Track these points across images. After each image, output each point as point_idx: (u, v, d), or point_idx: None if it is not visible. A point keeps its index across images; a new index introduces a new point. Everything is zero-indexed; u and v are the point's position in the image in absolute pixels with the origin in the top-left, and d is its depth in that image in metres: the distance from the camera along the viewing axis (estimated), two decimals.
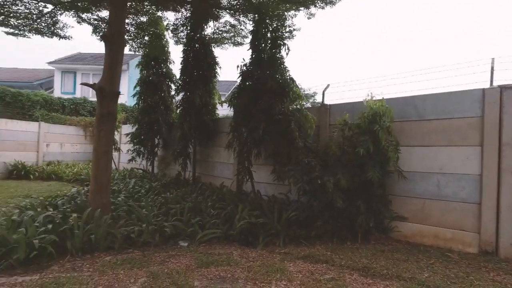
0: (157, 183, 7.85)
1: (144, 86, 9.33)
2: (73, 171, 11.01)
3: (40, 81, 21.67)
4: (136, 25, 6.89)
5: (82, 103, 15.48)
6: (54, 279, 3.17)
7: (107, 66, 4.72)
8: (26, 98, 13.14)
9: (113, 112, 4.81)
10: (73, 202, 5.08)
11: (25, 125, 11.61)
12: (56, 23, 5.99)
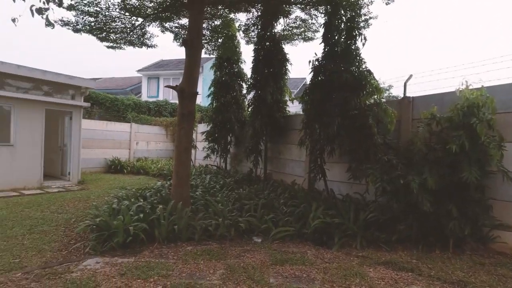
0: (230, 179, 8.17)
1: (217, 86, 9.80)
2: (157, 167, 12.19)
3: (131, 87, 24.63)
4: (211, 28, 7.26)
5: (164, 105, 17.05)
6: (146, 263, 3.52)
7: (187, 69, 5.08)
8: (120, 102, 15.03)
9: (192, 112, 5.15)
10: (159, 194, 5.61)
11: (120, 126, 13.31)
12: (144, 34, 6.70)
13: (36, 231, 4.65)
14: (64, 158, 9.77)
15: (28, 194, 7.41)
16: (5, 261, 3.52)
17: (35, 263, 3.53)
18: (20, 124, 8.03)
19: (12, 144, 7.92)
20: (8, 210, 5.78)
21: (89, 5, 5.49)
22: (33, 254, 3.80)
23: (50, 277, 3.11)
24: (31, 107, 8.19)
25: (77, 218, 5.44)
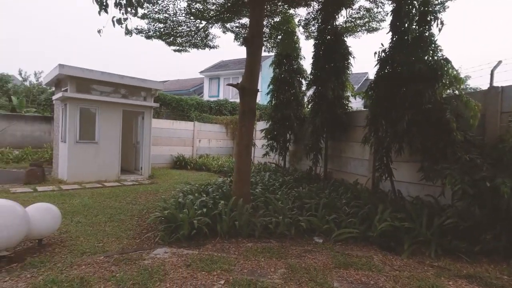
0: (289, 177, 8.09)
1: (276, 83, 9.78)
2: (218, 163, 12.68)
3: (194, 88, 26.09)
4: (271, 25, 7.25)
5: (224, 104, 17.66)
6: (209, 256, 3.65)
7: (248, 67, 5.14)
8: (185, 102, 16.00)
9: (253, 109, 5.20)
10: (220, 190, 5.79)
11: (184, 124, 14.16)
12: (207, 36, 7.00)
13: (115, 219, 5.16)
14: (137, 154, 10.75)
15: (109, 186, 8.30)
16: (91, 245, 3.97)
17: (114, 248, 3.91)
18: (103, 124, 9.04)
19: (96, 142, 8.96)
20: (93, 199, 6.54)
21: (159, 13, 5.91)
22: (112, 240, 4.22)
23: (127, 262, 3.41)
24: (111, 108, 9.16)
25: (148, 210, 5.91)
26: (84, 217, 5.22)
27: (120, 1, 3.95)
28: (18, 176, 9.32)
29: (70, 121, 8.52)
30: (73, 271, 3.15)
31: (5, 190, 7.10)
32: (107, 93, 9.39)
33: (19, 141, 14.11)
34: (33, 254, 3.61)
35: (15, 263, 3.34)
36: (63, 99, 8.69)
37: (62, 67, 8.15)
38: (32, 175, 8.32)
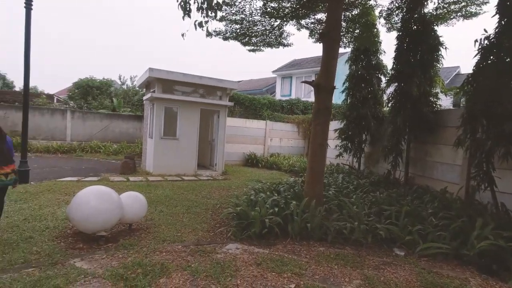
0: (364, 181, 7.57)
1: (352, 81, 9.26)
2: (289, 163, 12.61)
3: (267, 87, 26.52)
4: (348, 19, 6.85)
5: (296, 103, 17.50)
6: (279, 257, 3.60)
7: (323, 63, 4.93)
8: (257, 102, 16.35)
9: (328, 107, 4.98)
10: (292, 190, 5.70)
11: (256, 123, 14.47)
12: (282, 34, 6.97)
13: (191, 212, 5.51)
14: (212, 151, 11.37)
15: (187, 180, 8.95)
16: (171, 233, 4.29)
17: (190, 239, 4.15)
18: (183, 122, 9.79)
19: (177, 138, 9.75)
20: (173, 191, 7.11)
21: (236, 14, 6.09)
22: (189, 231, 4.49)
23: (201, 254, 3.57)
24: (190, 107, 9.86)
25: (221, 204, 6.16)
26: (166, 207, 5.69)
27: (202, 5, 4.16)
28: (115, 166, 10.71)
29: (156, 119, 9.43)
30: (155, 256, 3.43)
31: (106, 178, 8.21)
32: (187, 93, 10.13)
33: (117, 136, 16.27)
34: (124, 237, 4.05)
35: (111, 243, 3.79)
36: (151, 99, 9.67)
37: (152, 71, 9.07)
38: (126, 167, 9.47)
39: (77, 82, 24.19)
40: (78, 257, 3.31)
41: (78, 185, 7.06)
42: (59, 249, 3.49)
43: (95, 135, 15.69)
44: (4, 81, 27.53)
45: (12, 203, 5.19)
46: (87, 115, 15.98)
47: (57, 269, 2.95)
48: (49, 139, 14.62)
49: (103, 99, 22.66)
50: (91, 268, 3.01)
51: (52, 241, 3.75)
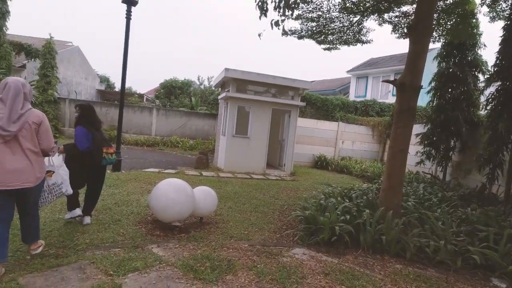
0: (451, 194, 6.63)
1: (441, 80, 8.22)
2: (361, 167, 11.85)
3: (340, 88, 25.49)
4: (440, 9, 6.07)
5: (372, 104, 16.38)
6: (349, 269, 3.34)
7: (410, 59, 4.44)
8: (330, 102, 15.79)
9: (413, 108, 4.47)
10: (365, 197, 5.29)
11: (328, 124, 13.98)
12: (360, 30, 6.54)
13: (259, 211, 5.54)
14: (282, 151, 11.34)
15: (255, 178, 9.10)
16: (238, 231, 4.37)
17: (256, 238, 4.16)
18: (254, 121, 9.98)
19: (248, 137, 9.99)
20: (242, 189, 7.27)
21: (313, 11, 5.91)
22: (256, 230, 4.51)
23: (267, 255, 3.53)
24: (262, 107, 10.00)
25: (288, 206, 6.07)
26: (234, 204, 5.83)
27: (279, 4, 4.12)
28: (191, 161, 11.50)
29: (229, 118, 9.80)
30: (223, 252, 3.52)
31: (182, 172, 8.85)
32: (259, 92, 10.30)
33: (193, 133, 17.50)
34: (195, 229, 4.26)
35: (183, 234, 4.03)
36: (226, 98, 10.09)
37: (227, 71, 9.46)
38: (200, 162, 10.07)
39: (163, 82, 26.77)
40: (155, 243, 3.58)
41: (158, 176, 7.75)
42: (140, 234, 3.84)
43: (175, 131, 17.11)
44: (108, 83, 32.05)
45: (107, 188, 5.93)
46: (169, 112, 17.53)
47: (137, 252, 3.23)
48: (138, 133, 16.46)
49: (183, 98, 24.63)
50: (165, 256, 3.22)
51: (135, 225, 4.15)
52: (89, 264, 2.86)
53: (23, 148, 2.60)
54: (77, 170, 3.85)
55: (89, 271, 2.73)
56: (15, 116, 2.56)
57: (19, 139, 2.58)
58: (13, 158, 2.54)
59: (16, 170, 2.54)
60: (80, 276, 2.63)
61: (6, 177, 2.50)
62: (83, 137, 3.85)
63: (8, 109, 2.54)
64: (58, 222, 3.97)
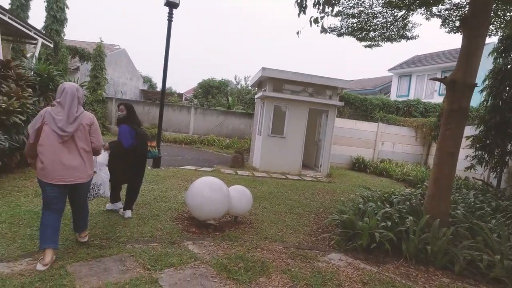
0: (508, 203, 6.01)
1: (497, 77, 7.48)
2: (402, 171, 11.21)
3: (380, 87, 24.39)
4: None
5: (415, 104, 15.46)
6: (390, 280, 3.14)
7: (463, 55, 4.07)
8: (369, 102, 15.16)
9: (464, 108, 4.10)
10: (408, 203, 4.96)
11: (367, 125, 13.42)
12: (405, 25, 6.15)
13: (294, 212, 5.44)
14: (318, 152, 11.10)
15: (291, 179, 8.98)
16: (273, 232, 4.31)
17: (291, 241, 4.08)
18: (291, 121, 9.86)
19: (284, 137, 9.89)
20: (277, 189, 7.21)
21: (354, 7, 5.67)
22: (290, 232, 4.43)
23: (302, 259, 3.43)
24: (298, 106, 9.84)
25: (324, 208, 5.90)
26: (269, 204, 5.79)
27: (319, 1, 3.99)
28: (226, 159, 11.66)
29: (265, 117, 9.78)
30: (256, 253, 3.48)
31: (218, 170, 9.00)
32: (296, 92, 10.15)
33: (229, 132, 17.76)
34: (230, 228, 4.28)
35: (218, 232, 4.06)
36: (262, 97, 10.08)
37: (264, 70, 9.44)
38: (235, 161, 10.17)
39: (201, 82, 27.49)
40: (190, 240, 3.64)
41: (195, 174, 7.94)
42: (176, 230, 3.93)
43: (211, 130, 17.48)
44: (150, 83, 33.68)
45: (147, 184, 6.19)
46: (207, 111, 17.94)
47: (174, 248, 3.30)
48: (177, 131, 17.05)
49: (220, 98, 25.09)
50: (200, 253, 3.26)
51: (172, 221, 4.26)
52: (129, 257, 2.98)
53: (78, 147, 2.86)
54: (121, 167, 4.06)
55: (128, 263, 2.85)
56: (72, 118, 2.81)
57: (75, 139, 2.84)
58: (69, 156, 2.80)
59: (72, 167, 2.80)
60: (120, 268, 2.75)
61: (64, 173, 2.76)
62: (127, 134, 4.06)
63: (66, 112, 2.79)
64: (102, 215, 4.20)
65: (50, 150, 2.73)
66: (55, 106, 2.85)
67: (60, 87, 2.90)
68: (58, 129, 2.74)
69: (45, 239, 2.70)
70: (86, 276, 2.55)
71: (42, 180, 2.74)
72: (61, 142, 2.76)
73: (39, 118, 2.78)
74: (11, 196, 4.56)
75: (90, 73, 16.38)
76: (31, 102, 5.97)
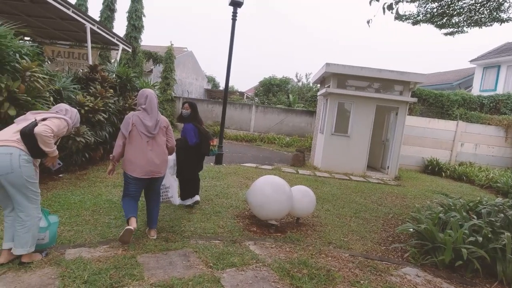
0: None
1: None
2: (487, 176, 9.75)
3: (459, 81, 21.67)
4: None
5: (505, 99, 13.36)
6: None
7: None
8: (445, 98, 13.57)
9: None
10: (502, 215, 4.21)
11: (443, 124, 11.98)
12: (500, 5, 5.23)
13: (360, 217, 5.05)
14: (385, 152, 10.27)
15: (354, 180, 8.45)
16: (337, 237, 4.04)
17: (358, 248, 3.76)
18: (355, 118, 9.28)
19: (348, 135, 9.36)
20: (340, 191, 6.82)
21: None
22: (357, 238, 4.10)
23: (372, 271, 3.12)
24: (365, 103, 9.21)
25: (394, 215, 5.38)
26: (332, 206, 5.48)
27: None
28: (287, 158, 11.52)
29: (329, 115, 9.37)
30: (320, 259, 3.27)
31: (278, 168, 8.91)
32: (362, 88, 9.52)
33: (290, 130, 17.57)
34: (292, 229, 4.13)
35: (279, 233, 3.94)
36: (325, 94, 9.67)
37: (328, 65, 9.03)
38: (296, 159, 9.96)
39: (262, 80, 27.74)
40: (252, 240, 3.59)
41: (256, 171, 7.96)
42: (238, 228, 3.92)
43: (272, 128, 17.50)
44: (213, 83, 35.22)
45: (210, 180, 6.38)
46: (267, 109, 18.01)
47: (235, 247, 3.28)
48: (238, 129, 17.46)
49: (281, 96, 25.01)
50: (261, 255, 3.17)
51: (233, 219, 4.27)
52: (192, 253, 3.03)
53: (158, 147, 3.25)
54: (187, 163, 4.24)
55: (192, 259, 2.89)
56: (154, 121, 3.21)
57: (156, 139, 3.23)
58: (152, 154, 3.19)
59: (154, 164, 3.20)
60: (184, 264, 2.80)
61: (148, 169, 3.16)
62: (191, 132, 4.29)
63: (152, 117, 3.19)
64: (169, 208, 4.40)
65: (138, 149, 3.12)
66: (141, 111, 3.22)
67: (142, 93, 3.26)
68: (146, 132, 3.14)
69: (128, 212, 3.13)
70: (153, 268, 2.65)
71: (129, 174, 3.14)
72: (147, 142, 3.16)
73: (129, 122, 3.15)
74: (95, 186, 5.07)
75: (161, 75, 17.70)
76: (112, 101, 6.59)
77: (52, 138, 2.42)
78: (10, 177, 2.28)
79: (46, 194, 4.35)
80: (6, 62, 4.10)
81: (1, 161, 2.25)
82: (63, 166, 3.63)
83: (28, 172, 2.36)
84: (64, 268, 2.46)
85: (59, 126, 2.55)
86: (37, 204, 2.48)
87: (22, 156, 2.32)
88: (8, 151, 2.28)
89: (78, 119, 2.93)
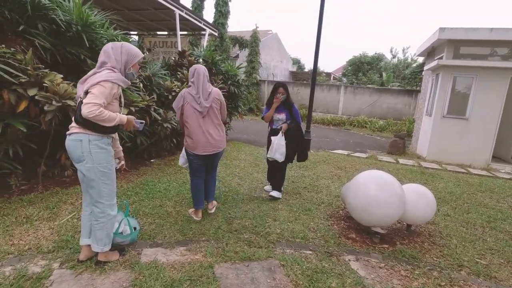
0: None
1: None
2: None
3: None
4: None
5: None
6: None
7: None
8: None
9: None
10: None
11: None
12: None
13: (496, 228, 3.77)
14: None
15: (475, 174, 6.75)
16: (470, 256, 2.98)
17: (505, 277, 2.67)
18: (478, 97, 7.36)
19: (466, 118, 7.53)
20: (460, 188, 5.42)
21: None
22: (501, 262, 2.95)
23: None
24: (493, 76, 7.19)
25: None
26: (453, 210, 4.29)
27: None
28: (381, 144, 10.13)
29: (440, 93, 7.66)
30: None
31: (373, 156, 7.76)
32: (485, 56, 7.45)
33: (383, 112, 15.60)
34: (402, 240, 3.24)
35: (386, 244, 3.11)
36: (436, 68, 7.91)
37: (442, 31, 7.29)
38: (395, 146, 8.58)
39: (351, 59, 25.56)
40: (352, 253, 2.85)
41: (348, 160, 7.04)
42: (332, 234, 3.23)
43: (362, 110, 15.85)
44: (298, 65, 34.19)
45: (297, 169, 5.80)
46: (357, 90, 16.34)
47: (332, 263, 2.60)
48: (325, 112, 16.36)
49: (372, 74, 22.58)
50: (368, 279, 2.42)
51: (326, 220, 3.60)
52: (279, 267, 2.47)
53: (214, 121, 3.16)
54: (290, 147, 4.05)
55: (278, 277, 2.33)
56: (206, 94, 3.07)
57: (210, 114, 3.12)
58: (211, 130, 3.13)
59: (214, 140, 3.15)
60: (269, 283, 2.25)
61: (207, 145, 3.11)
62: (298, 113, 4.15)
63: (201, 89, 3.04)
64: (253, 202, 3.98)
65: (196, 126, 3.07)
66: (191, 86, 3.08)
67: (191, 69, 3.10)
68: (198, 106, 3.03)
69: (197, 202, 3.27)
70: (232, 285, 2.20)
71: (191, 152, 3.15)
72: (202, 117, 3.06)
73: (180, 98, 3.08)
74: (181, 173, 5.02)
75: (247, 58, 17.66)
76: None
77: (102, 112, 2.00)
78: (83, 166, 2.11)
79: (136, 180, 4.41)
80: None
81: (73, 147, 2.10)
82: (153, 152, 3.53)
83: (99, 159, 2.13)
84: (138, 273, 2.21)
85: (104, 93, 2.06)
86: (111, 201, 2.26)
87: (92, 141, 2.10)
88: (78, 137, 2.09)
89: (131, 55, 2.28)
